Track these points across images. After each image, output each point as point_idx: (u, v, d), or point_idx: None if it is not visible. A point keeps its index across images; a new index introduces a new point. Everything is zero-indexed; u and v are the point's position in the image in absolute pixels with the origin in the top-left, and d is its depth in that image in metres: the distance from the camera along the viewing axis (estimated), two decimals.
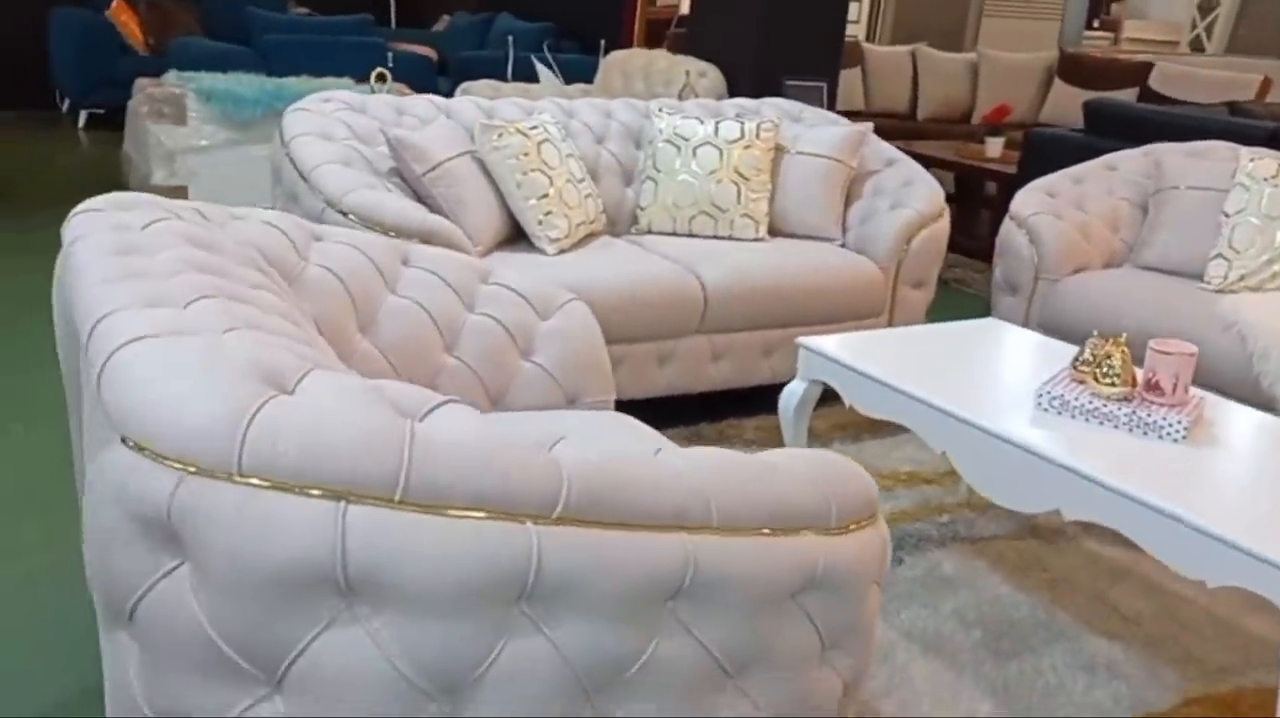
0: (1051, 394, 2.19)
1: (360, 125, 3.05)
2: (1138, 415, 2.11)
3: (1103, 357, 2.18)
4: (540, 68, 6.03)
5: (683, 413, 3.22)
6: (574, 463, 1.11)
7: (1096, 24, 10.97)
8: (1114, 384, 2.16)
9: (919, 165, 3.61)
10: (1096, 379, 2.18)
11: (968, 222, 5.95)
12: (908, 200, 3.43)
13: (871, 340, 2.59)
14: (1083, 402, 2.16)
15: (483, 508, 1.06)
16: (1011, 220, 3.47)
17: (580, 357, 2.08)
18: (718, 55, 5.19)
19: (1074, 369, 2.27)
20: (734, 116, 3.58)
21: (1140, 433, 2.11)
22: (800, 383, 2.56)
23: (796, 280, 3.23)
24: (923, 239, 3.40)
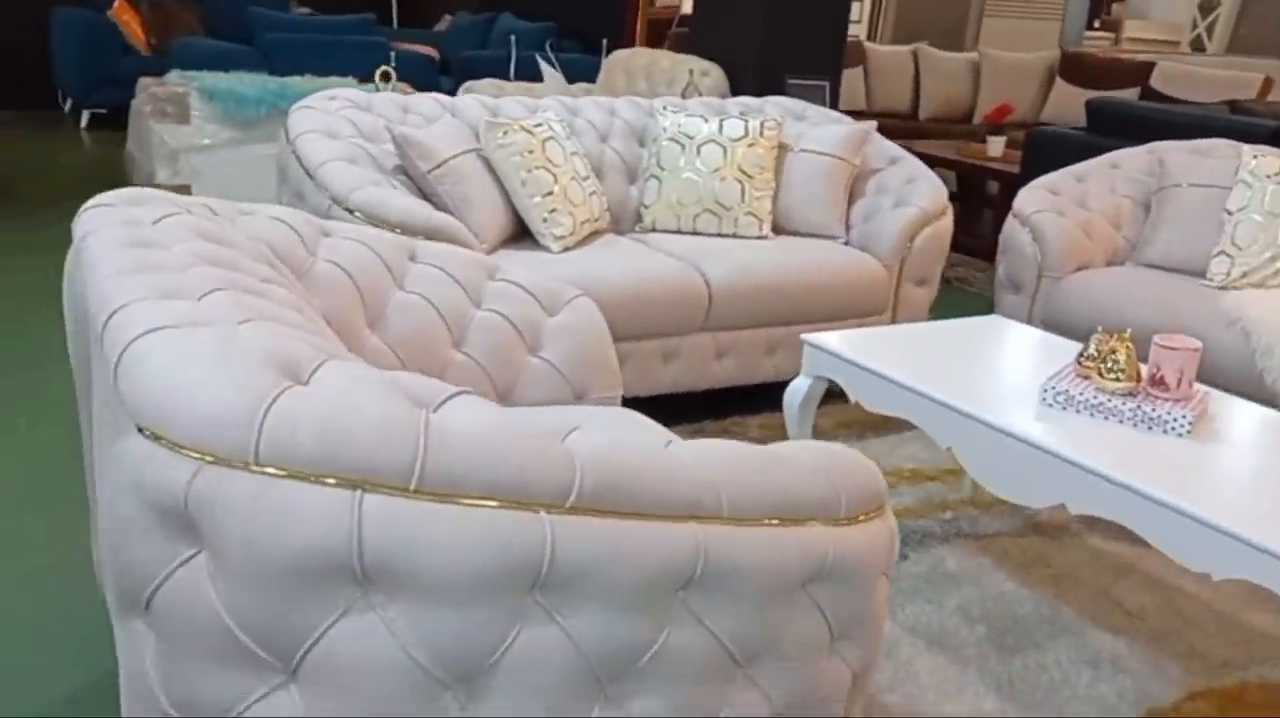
0: (1056, 390, 2.19)
1: (365, 123, 3.06)
2: (1142, 410, 2.12)
3: (1107, 352, 2.19)
4: (545, 67, 6.04)
5: (687, 411, 3.23)
6: (587, 453, 1.12)
7: (1097, 24, 10.98)
8: (1119, 380, 2.17)
9: (922, 163, 3.62)
10: (1101, 375, 2.19)
11: (969, 221, 5.95)
12: (911, 198, 3.43)
13: (876, 337, 2.60)
14: (1087, 397, 2.17)
15: (497, 497, 1.07)
16: (1014, 218, 3.47)
17: (587, 352, 2.09)
18: (720, 54, 5.20)
19: (1079, 365, 2.27)
20: (738, 114, 3.59)
21: (1145, 428, 2.12)
22: (805, 379, 2.56)
23: (800, 278, 3.23)
24: (926, 237, 3.40)
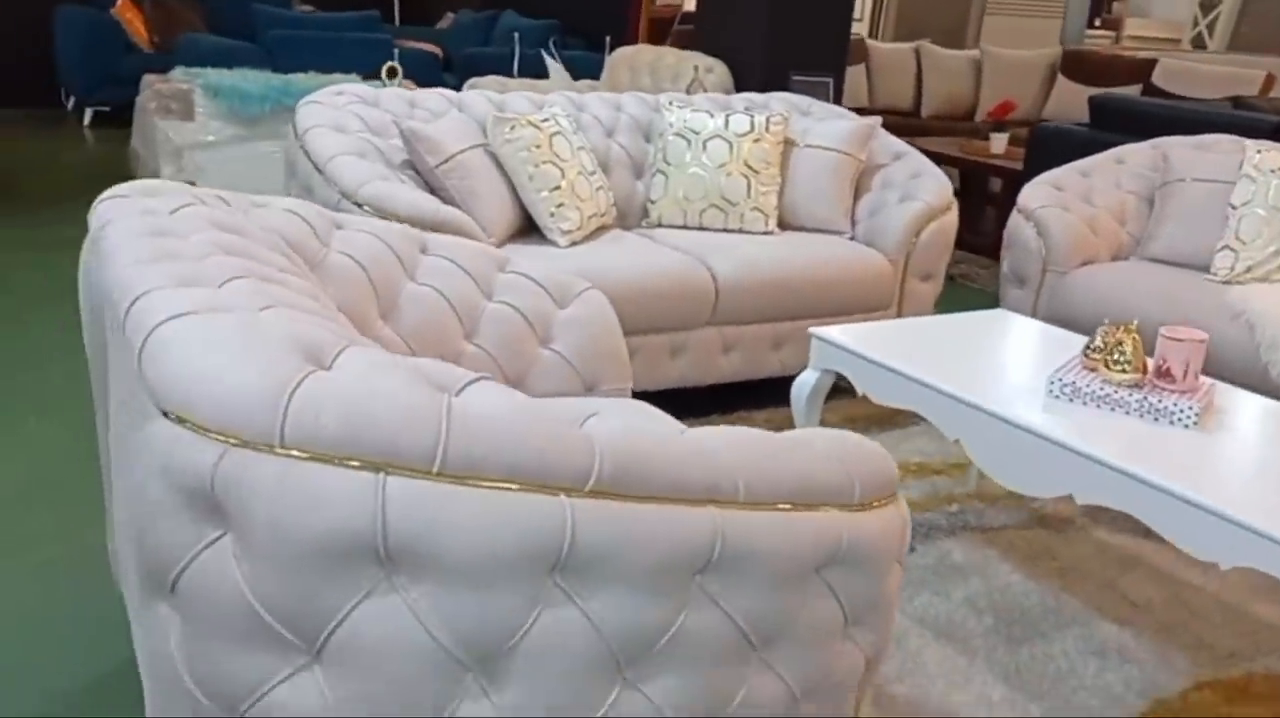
0: (1063, 381, 2.20)
1: (373, 118, 3.07)
2: (1149, 402, 2.13)
3: (1114, 344, 2.20)
4: (550, 63, 6.04)
5: (694, 405, 3.24)
6: (606, 438, 1.13)
7: (1098, 23, 10.98)
8: (1125, 371, 2.18)
9: (926, 158, 3.63)
10: (1108, 366, 2.20)
11: (972, 218, 5.96)
12: (916, 193, 3.44)
13: (883, 330, 2.61)
14: (1094, 388, 2.18)
15: (518, 480, 1.08)
16: (1019, 213, 3.48)
17: (598, 344, 2.10)
18: (725, 51, 5.21)
19: (1085, 357, 2.28)
20: (743, 110, 3.60)
21: (1151, 419, 2.13)
22: (813, 372, 2.57)
23: (806, 273, 3.25)
24: (931, 231, 3.42)
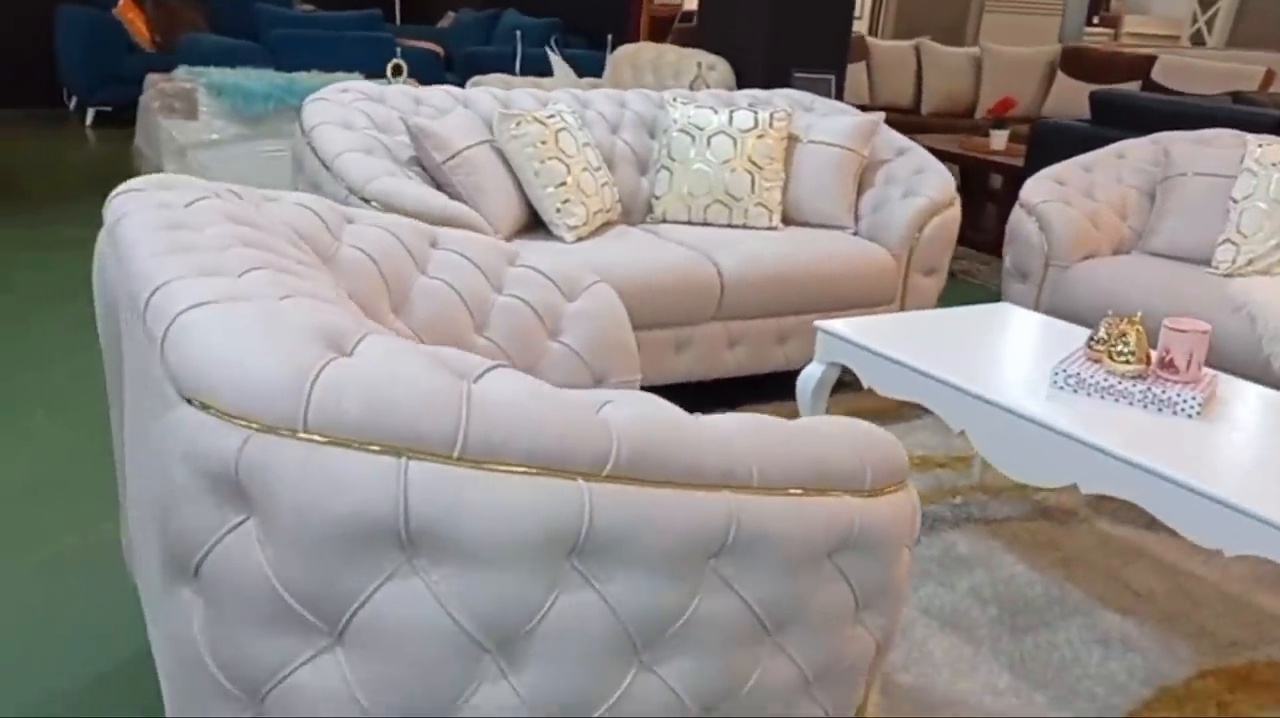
0: (1068, 373, 2.22)
1: (379, 115, 3.08)
2: (1152, 392, 2.15)
3: (1118, 335, 2.22)
4: (554, 60, 6.06)
5: (699, 400, 3.26)
6: (623, 423, 1.15)
7: (1096, 20, 11.00)
8: (1129, 362, 2.20)
9: (929, 154, 3.65)
10: (1111, 358, 2.22)
11: (973, 214, 5.98)
12: (919, 188, 3.46)
13: (888, 324, 2.63)
14: (1098, 379, 2.20)
15: (536, 465, 1.10)
16: (1021, 208, 3.50)
17: (606, 337, 2.12)
18: (727, 49, 5.23)
19: (1089, 348, 2.30)
20: (747, 106, 3.62)
21: (1155, 409, 2.15)
22: (818, 365, 2.59)
23: (810, 268, 3.26)
24: (934, 226, 3.43)
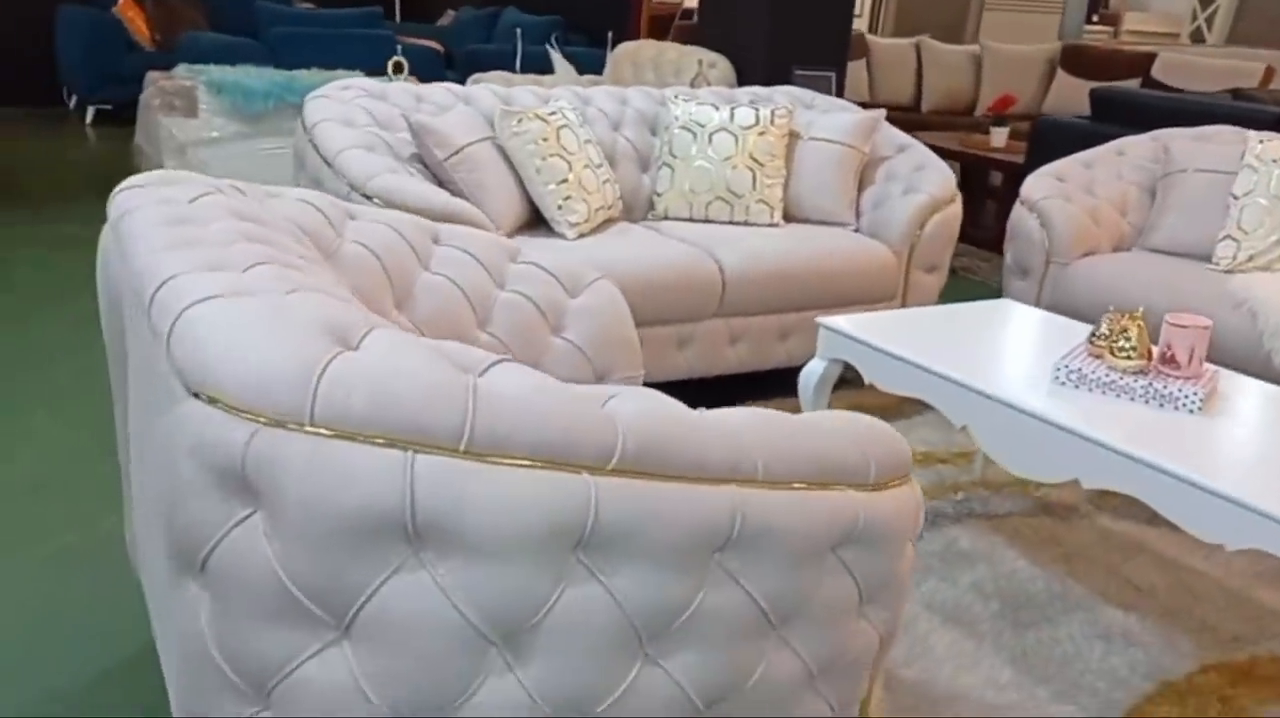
0: (1069, 368, 2.23)
1: (380, 112, 3.08)
2: (1154, 388, 2.16)
3: (1119, 331, 2.22)
4: (555, 58, 6.06)
5: (701, 396, 3.26)
6: (628, 417, 1.15)
7: (1095, 18, 11.00)
8: (1130, 358, 2.20)
9: (930, 151, 3.65)
10: (1113, 353, 2.22)
11: (973, 211, 5.99)
12: (920, 185, 3.46)
13: (890, 320, 2.63)
14: (1099, 375, 2.20)
15: (542, 459, 1.10)
16: (1022, 204, 3.50)
17: (609, 333, 2.12)
18: (727, 46, 5.23)
19: (1091, 344, 2.31)
20: (748, 103, 3.62)
21: (1156, 404, 2.15)
22: (820, 362, 2.59)
23: (811, 265, 3.27)
24: (935, 223, 3.44)
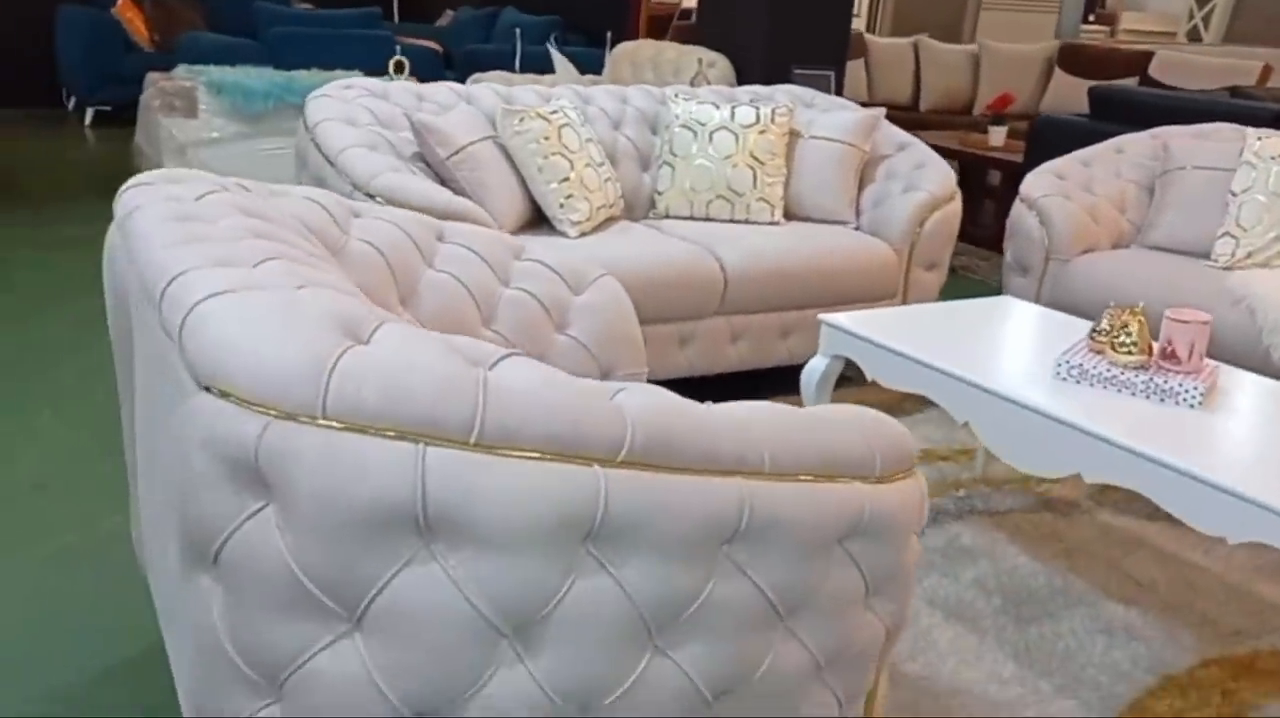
0: (1070, 364, 2.24)
1: (382, 111, 3.09)
2: (1155, 382, 2.17)
3: (1119, 326, 2.23)
4: (556, 57, 6.07)
5: (703, 394, 3.24)
6: (637, 410, 1.16)
7: (1092, 17, 11.02)
8: (1131, 353, 2.21)
9: (930, 149, 3.67)
10: (1114, 348, 2.24)
11: (972, 210, 5.98)
12: (920, 183, 3.48)
13: (892, 317, 2.64)
14: (1100, 370, 2.21)
15: (552, 451, 1.11)
16: (1022, 202, 3.52)
17: (613, 330, 2.13)
18: (726, 45, 5.24)
19: (1091, 339, 2.32)
20: (749, 102, 3.63)
21: (1157, 399, 2.17)
22: (822, 359, 2.60)
23: (812, 263, 3.28)
24: (935, 221, 3.45)
